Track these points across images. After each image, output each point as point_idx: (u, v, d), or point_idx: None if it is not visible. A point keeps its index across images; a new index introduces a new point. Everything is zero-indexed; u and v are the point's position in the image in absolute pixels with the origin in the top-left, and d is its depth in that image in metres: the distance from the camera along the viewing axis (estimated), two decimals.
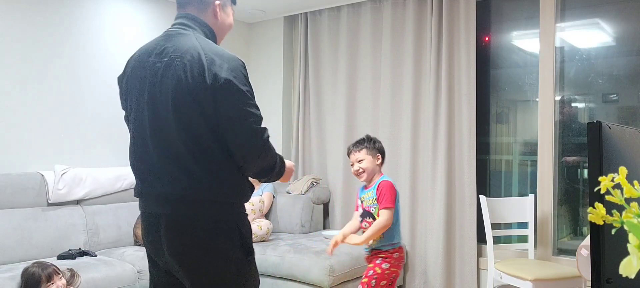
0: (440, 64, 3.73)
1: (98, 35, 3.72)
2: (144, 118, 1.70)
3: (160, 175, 1.67)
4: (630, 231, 0.63)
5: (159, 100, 1.66)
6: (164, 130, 1.65)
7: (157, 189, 1.68)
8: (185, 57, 1.63)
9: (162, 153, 1.67)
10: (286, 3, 4.26)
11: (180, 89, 1.61)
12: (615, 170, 0.68)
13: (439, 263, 3.67)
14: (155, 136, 1.68)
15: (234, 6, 1.95)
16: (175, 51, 1.67)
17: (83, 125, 3.62)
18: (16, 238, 3.00)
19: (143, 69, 1.72)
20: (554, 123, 3.44)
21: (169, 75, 1.64)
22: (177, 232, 1.67)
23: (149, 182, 1.70)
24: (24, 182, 3.15)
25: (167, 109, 1.63)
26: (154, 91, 1.67)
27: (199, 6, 1.80)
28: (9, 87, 3.27)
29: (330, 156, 4.35)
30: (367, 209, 2.62)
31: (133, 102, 1.74)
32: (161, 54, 1.69)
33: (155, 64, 1.69)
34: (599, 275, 0.89)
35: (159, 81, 1.66)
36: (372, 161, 2.64)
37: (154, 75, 1.68)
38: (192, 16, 1.80)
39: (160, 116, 1.65)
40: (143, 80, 1.71)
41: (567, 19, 3.45)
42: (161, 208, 1.68)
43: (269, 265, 3.37)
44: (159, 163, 1.67)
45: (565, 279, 2.92)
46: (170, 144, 1.65)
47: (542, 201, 3.45)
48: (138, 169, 1.75)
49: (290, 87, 4.69)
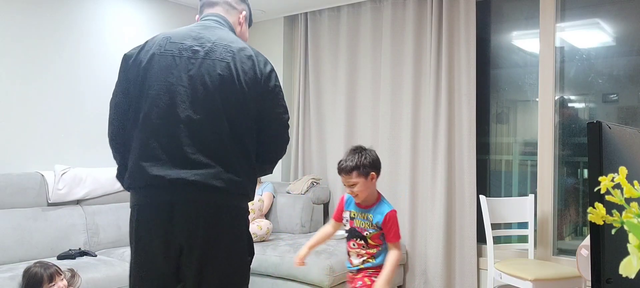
0: (440, 64, 3.73)
1: (98, 35, 3.72)
2: (177, 97, 1.63)
3: (193, 162, 1.61)
4: (630, 231, 0.63)
5: (200, 82, 1.63)
6: (208, 116, 1.63)
7: (183, 175, 1.60)
8: (231, 46, 1.69)
9: (198, 140, 1.63)
10: (286, 3, 4.26)
11: (230, 80, 1.65)
12: (615, 170, 0.68)
13: (439, 263, 3.67)
14: (193, 120, 1.62)
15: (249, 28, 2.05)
16: (218, 40, 1.70)
17: (83, 125, 3.62)
18: (16, 238, 3.00)
19: (177, 50, 1.67)
20: (554, 123, 3.44)
21: (214, 60, 1.65)
22: (212, 220, 1.65)
23: (171, 166, 1.61)
24: (24, 182, 3.15)
25: (213, 95, 1.64)
26: (194, 74, 1.64)
27: (227, 9, 1.89)
28: (9, 87, 3.27)
29: (330, 156, 4.35)
30: (359, 230, 2.33)
31: (156, 80, 1.65)
32: (200, 40, 1.70)
33: (194, 47, 1.68)
34: (599, 275, 0.89)
35: (201, 64, 1.65)
36: (366, 183, 2.29)
37: (190, 57, 1.66)
38: (223, 17, 1.87)
39: (202, 98, 1.63)
40: (176, 59, 1.66)
41: (567, 19, 3.45)
42: (190, 195, 1.61)
43: (269, 265, 3.37)
44: (192, 148, 1.62)
45: (565, 279, 2.92)
46: (210, 132, 1.63)
47: (542, 201, 3.45)
48: (154, 154, 1.63)
49: (290, 87, 4.69)
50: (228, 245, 1.68)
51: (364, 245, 2.33)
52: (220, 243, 1.67)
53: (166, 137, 1.63)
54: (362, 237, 2.33)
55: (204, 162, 1.61)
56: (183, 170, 1.61)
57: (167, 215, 1.62)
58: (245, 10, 1.94)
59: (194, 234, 1.63)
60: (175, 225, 1.62)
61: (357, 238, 2.34)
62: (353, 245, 2.36)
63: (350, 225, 2.37)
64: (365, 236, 2.31)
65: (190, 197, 1.62)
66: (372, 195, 2.35)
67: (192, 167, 1.61)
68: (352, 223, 2.36)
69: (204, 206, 1.63)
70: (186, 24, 4.31)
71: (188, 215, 1.62)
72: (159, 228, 1.63)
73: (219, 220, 1.66)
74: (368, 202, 2.34)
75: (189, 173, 1.60)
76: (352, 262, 2.38)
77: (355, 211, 2.37)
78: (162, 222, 1.63)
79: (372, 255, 2.33)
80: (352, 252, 2.37)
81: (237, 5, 1.92)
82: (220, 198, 1.65)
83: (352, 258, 2.37)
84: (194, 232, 1.63)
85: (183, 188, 1.61)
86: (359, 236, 2.33)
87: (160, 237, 1.64)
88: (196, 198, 1.62)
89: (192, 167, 1.61)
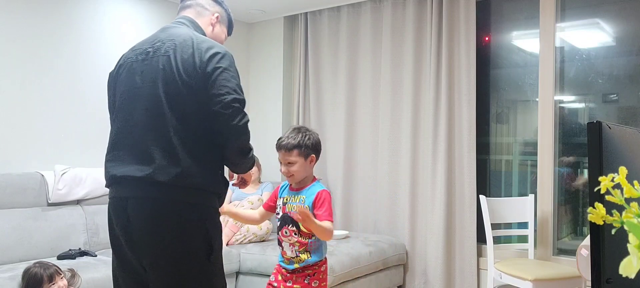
0: (440, 64, 3.73)
1: (98, 35, 3.72)
2: (134, 99, 1.72)
3: (144, 158, 1.67)
4: (630, 231, 0.63)
5: (148, 80, 1.70)
6: (153, 111, 1.68)
7: (135, 172, 1.67)
8: (176, 40, 1.72)
9: (150, 136, 1.68)
10: (286, 3, 4.26)
11: (170, 72, 1.67)
12: (615, 170, 0.68)
13: (439, 263, 3.67)
14: (142, 118, 1.69)
15: (228, 35, 2.07)
16: (167, 37, 1.75)
17: (83, 125, 3.62)
18: (16, 238, 3.00)
19: (134, 55, 1.78)
20: (554, 123, 3.44)
21: (159, 56, 1.70)
22: (158, 216, 1.67)
23: (126, 163, 1.70)
24: (24, 182, 3.15)
25: (157, 90, 1.68)
26: (144, 72, 1.71)
27: (198, 11, 1.93)
28: (9, 87, 3.27)
29: (330, 156, 4.35)
30: (292, 215, 2.19)
31: (120, 88, 1.78)
32: (153, 41, 1.77)
33: (147, 49, 1.76)
34: (599, 275, 0.89)
35: (149, 63, 1.71)
36: (304, 164, 2.20)
37: (144, 59, 1.74)
38: (190, 18, 1.91)
39: (148, 95, 1.69)
40: (134, 64, 1.76)
41: (567, 19, 3.45)
42: (139, 191, 1.67)
43: (269, 265, 3.36)
44: (143, 145, 1.68)
45: (565, 279, 2.92)
46: (159, 127, 1.67)
47: (542, 201, 3.45)
48: (116, 154, 1.75)
49: (290, 87, 4.69)
50: (174, 243, 1.67)
51: (296, 231, 2.19)
52: (165, 242, 1.66)
53: (125, 137, 1.73)
54: (294, 223, 2.19)
55: (151, 157, 1.65)
56: (135, 166, 1.67)
57: (123, 212, 1.69)
58: (218, 13, 1.98)
59: (143, 230, 1.67)
60: (131, 221, 1.68)
61: (289, 224, 2.21)
62: (285, 233, 2.22)
63: (282, 212, 2.25)
64: (298, 223, 2.17)
65: (139, 193, 1.67)
66: (308, 178, 2.27)
67: (142, 163, 1.66)
68: (284, 209, 2.25)
69: (151, 202, 1.66)
70: None
71: (138, 211, 1.67)
72: (119, 225, 1.72)
73: (164, 217, 1.66)
74: (302, 184, 2.26)
75: (138, 169, 1.66)
76: (284, 254, 2.23)
77: (288, 196, 2.27)
78: (121, 218, 1.71)
79: (305, 246, 2.18)
80: (284, 241, 2.23)
81: (210, 6, 1.96)
82: (165, 193, 1.65)
83: (285, 249, 2.23)
84: (143, 228, 1.67)
85: (134, 185, 1.67)
86: (291, 221, 2.20)
87: (122, 234, 1.72)
88: (144, 194, 1.67)
89: (142, 163, 1.66)
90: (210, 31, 1.95)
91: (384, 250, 3.62)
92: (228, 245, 3.54)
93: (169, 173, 1.64)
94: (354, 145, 4.24)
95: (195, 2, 1.95)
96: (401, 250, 3.79)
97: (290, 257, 2.21)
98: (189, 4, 1.95)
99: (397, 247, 3.76)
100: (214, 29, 1.96)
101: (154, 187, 1.65)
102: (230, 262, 3.37)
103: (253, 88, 4.80)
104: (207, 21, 1.94)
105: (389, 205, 3.99)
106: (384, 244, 3.66)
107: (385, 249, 3.63)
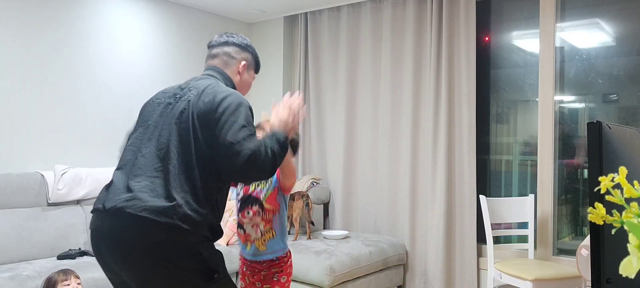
0: (440, 64, 3.73)
1: (98, 35, 3.72)
2: (144, 135, 1.78)
3: (128, 188, 1.68)
4: (630, 231, 0.63)
5: (165, 122, 1.76)
6: (155, 148, 1.73)
7: (113, 203, 1.68)
8: (200, 87, 1.79)
9: (144, 171, 1.71)
10: (286, 3, 4.26)
11: (186, 115, 1.73)
12: (615, 170, 0.68)
13: (439, 263, 3.67)
14: (151, 150, 1.74)
15: (255, 74, 2.12)
16: (195, 85, 1.82)
17: (83, 125, 3.62)
18: (16, 238, 3.00)
19: (163, 97, 1.85)
20: (554, 123, 3.44)
21: (182, 101, 1.77)
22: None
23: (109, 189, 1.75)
24: (24, 182, 3.15)
25: (169, 129, 1.73)
26: (164, 115, 1.78)
27: (224, 60, 1.98)
28: (9, 87, 3.27)
29: (330, 156, 4.35)
30: (255, 195, 2.16)
31: (140, 122, 1.86)
32: (183, 87, 1.85)
33: (176, 93, 1.83)
34: (599, 275, 0.89)
35: (173, 108, 1.78)
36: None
37: (171, 102, 1.81)
38: (218, 69, 1.97)
39: (159, 136, 1.75)
40: (157, 105, 1.83)
41: (567, 19, 3.45)
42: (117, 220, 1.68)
43: None
44: (136, 179, 1.70)
45: (565, 279, 2.92)
46: (156, 163, 1.70)
47: (542, 201, 3.45)
48: (115, 180, 1.77)
49: (291, 87, 4.69)
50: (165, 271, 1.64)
51: (259, 211, 2.15)
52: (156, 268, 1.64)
53: (127, 165, 1.77)
54: (258, 202, 2.16)
55: (136, 188, 1.66)
56: (119, 195, 1.68)
57: (108, 239, 1.71)
58: (245, 60, 2.01)
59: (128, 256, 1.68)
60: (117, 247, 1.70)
61: (252, 204, 2.17)
62: (247, 213, 2.17)
63: (244, 193, 2.21)
64: (260, 200, 2.15)
65: (117, 222, 1.68)
66: None
67: (127, 191, 1.67)
68: (247, 190, 2.21)
69: (136, 230, 1.66)
70: (185, 25, 4.31)
71: (125, 240, 1.68)
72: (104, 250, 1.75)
73: (152, 245, 1.65)
74: None
75: (119, 199, 1.66)
76: (248, 237, 2.16)
77: None
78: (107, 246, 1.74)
79: (270, 222, 2.15)
80: (246, 224, 2.17)
81: (237, 54, 2.00)
82: (141, 225, 1.63)
83: (248, 232, 2.16)
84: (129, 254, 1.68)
85: (116, 212, 1.67)
86: (255, 201, 2.16)
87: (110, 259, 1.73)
88: (119, 224, 1.67)
89: (127, 192, 1.67)
90: (238, 80, 2.00)
91: (384, 250, 3.62)
92: (228, 245, 3.54)
93: (161, 204, 1.63)
94: (354, 145, 4.24)
95: (222, 50, 1.98)
96: (401, 250, 3.79)
97: (254, 239, 2.15)
98: (215, 53, 1.98)
99: (397, 247, 3.76)
100: (241, 77, 2.01)
101: (139, 216, 1.63)
102: (231, 261, 3.36)
103: (253, 88, 4.80)
104: (234, 70, 1.98)
105: (389, 205, 3.99)
106: (384, 244, 3.67)
107: (385, 249, 3.63)
